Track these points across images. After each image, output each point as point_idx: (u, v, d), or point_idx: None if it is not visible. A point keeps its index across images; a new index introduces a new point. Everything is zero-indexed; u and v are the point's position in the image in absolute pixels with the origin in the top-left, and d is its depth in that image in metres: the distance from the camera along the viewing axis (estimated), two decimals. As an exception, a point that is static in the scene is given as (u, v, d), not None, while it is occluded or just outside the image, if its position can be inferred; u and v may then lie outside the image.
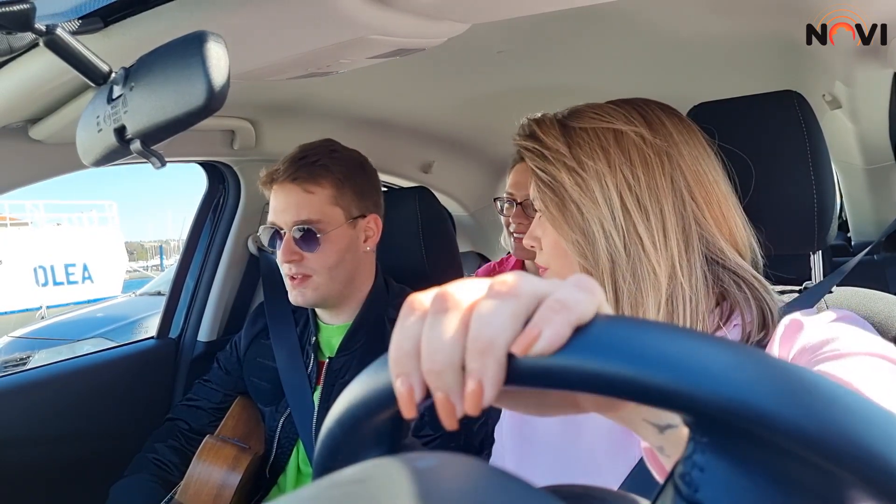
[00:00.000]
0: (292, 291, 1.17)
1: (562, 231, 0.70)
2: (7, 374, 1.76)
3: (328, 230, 1.15)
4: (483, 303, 0.31)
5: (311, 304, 1.20)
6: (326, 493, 0.24)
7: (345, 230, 1.17)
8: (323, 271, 1.15)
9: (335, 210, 1.16)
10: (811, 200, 0.77)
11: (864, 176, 2.04)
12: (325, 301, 1.20)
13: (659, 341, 0.27)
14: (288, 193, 1.15)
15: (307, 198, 1.14)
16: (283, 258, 1.14)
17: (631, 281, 0.66)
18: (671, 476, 0.30)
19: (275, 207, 1.17)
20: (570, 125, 0.72)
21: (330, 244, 1.15)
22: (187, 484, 1.18)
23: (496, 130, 1.93)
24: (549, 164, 0.70)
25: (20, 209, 14.30)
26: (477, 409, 0.29)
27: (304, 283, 1.16)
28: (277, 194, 1.16)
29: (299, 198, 1.14)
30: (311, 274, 1.15)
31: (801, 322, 0.64)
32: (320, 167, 1.16)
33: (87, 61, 0.52)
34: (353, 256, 1.19)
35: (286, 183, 1.15)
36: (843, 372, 0.52)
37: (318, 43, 0.75)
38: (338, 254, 1.16)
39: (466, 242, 2.40)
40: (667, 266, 0.66)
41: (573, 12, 0.87)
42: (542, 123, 0.73)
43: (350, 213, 1.18)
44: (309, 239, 1.14)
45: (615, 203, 0.67)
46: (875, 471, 0.23)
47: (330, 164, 1.17)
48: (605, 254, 0.67)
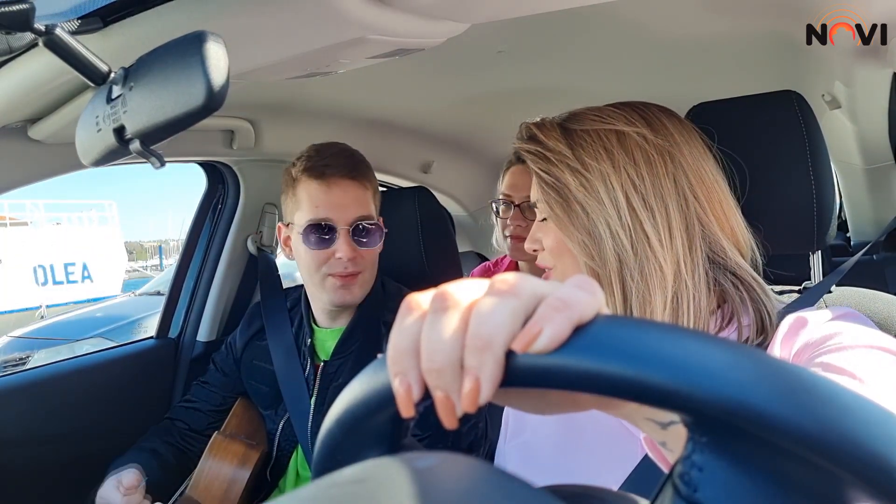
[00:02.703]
0: (339, 291, 1.15)
1: (567, 232, 0.70)
2: (7, 374, 1.76)
3: (376, 226, 1.18)
4: (483, 301, 0.31)
5: (354, 303, 1.20)
6: (326, 492, 0.24)
7: (380, 226, 1.20)
8: (371, 268, 1.18)
9: (374, 207, 1.20)
10: (810, 200, 0.77)
11: (864, 176, 2.03)
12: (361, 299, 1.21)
13: (659, 341, 0.27)
14: (346, 189, 1.14)
15: (365, 194, 1.16)
16: (348, 254, 1.12)
17: (639, 279, 0.67)
18: (670, 476, 0.30)
19: (327, 203, 1.13)
20: (571, 128, 0.72)
21: (377, 240, 1.18)
22: (197, 479, 1.19)
23: (496, 130, 1.93)
24: (553, 166, 0.70)
25: (20, 209, 14.32)
26: (474, 406, 0.29)
27: (354, 281, 1.16)
28: (333, 189, 1.13)
29: (358, 193, 1.15)
30: (362, 270, 1.16)
31: (803, 319, 0.64)
32: (367, 166, 1.18)
33: (87, 61, 0.52)
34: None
35: (344, 179, 1.14)
36: (845, 364, 0.52)
37: (318, 43, 0.75)
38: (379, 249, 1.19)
39: (466, 242, 2.40)
40: (672, 264, 0.67)
41: (573, 13, 0.87)
42: (542, 126, 0.74)
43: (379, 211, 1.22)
44: (369, 235, 1.15)
45: (621, 202, 0.68)
46: (874, 471, 0.23)
47: (369, 164, 1.20)
48: (613, 253, 0.68)
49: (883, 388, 0.49)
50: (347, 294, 1.16)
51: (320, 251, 1.13)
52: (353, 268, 1.14)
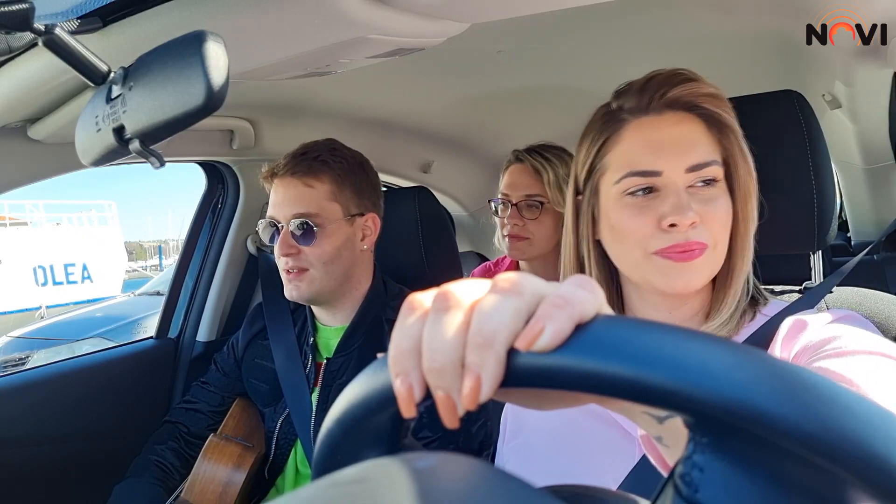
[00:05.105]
0: (287, 285, 1.17)
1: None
2: (6, 374, 1.76)
3: (325, 224, 1.15)
4: (486, 300, 0.31)
5: (305, 300, 1.20)
6: (326, 492, 0.24)
7: (342, 226, 1.18)
8: (318, 265, 1.16)
9: (333, 206, 1.17)
10: (811, 200, 0.77)
11: (864, 176, 2.03)
12: (319, 297, 1.20)
13: (660, 341, 0.27)
14: (287, 187, 1.16)
15: (306, 191, 1.15)
16: (280, 251, 1.15)
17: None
18: (671, 476, 0.29)
19: (274, 201, 1.17)
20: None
21: (326, 238, 1.15)
22: (192, 482, 1.19)
23: (496, 130, 1.93)
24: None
25: (20, 209, 14.33)
26: (474, 403, 0.29)
27: (300, 277, 1.16)
28: (277, 188, 1.17)
29: (298, 191, 1.15)
30: (307, 268, 1.16)
31: (803, 322, 0.64)
32: (320, 162, 1.17)
33: (86, 61, 0.52)
34: (349, 254, 1.19)
35: (286, 177, 1.16)
36: (844, 369, 0.52)
37: (318, 42, 0.75)
38: (334, 249, 1.16)
39: (466, 242, 2.40)
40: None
41: (573, 12, 0.87)
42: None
43: (348, 210, 1.19)
44: (306, 232, 1.14)
45: None
46: (875, 471, 0.23)
47: (330, 160, 1.18)
48: None
49: (883, 394, 0.48)
50: (294, 290, 1.17)
51: (275, 248, 1.17)
52: (295, 263, 1.15)
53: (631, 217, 0.67)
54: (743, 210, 0.68)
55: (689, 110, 0.68)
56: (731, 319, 0.70)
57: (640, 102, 0.70)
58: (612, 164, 0.70)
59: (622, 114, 0.71)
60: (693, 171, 0.66)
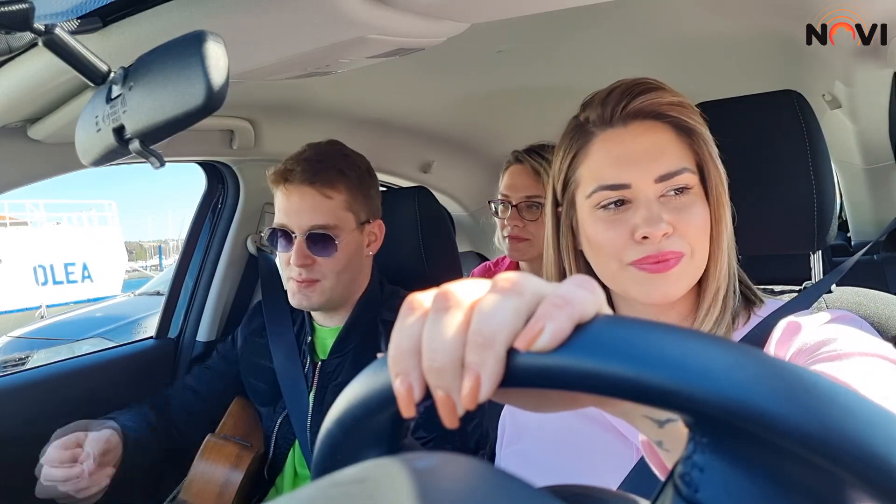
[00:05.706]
0: (296, 295, 1.15)
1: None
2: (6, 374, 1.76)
3: (342, 235, 1.13)
4: (486, 299, 0.31)
5: (314, 308, 1.19)
6: (325, 492, 0.24)
7: (355, 235, 1.16)
8: (331, 276, 1.14)
9: (348, 215, 1.15)
10: (811, 200, 0.77)
11: (864, 176, 2.03)
12: (327, 305, 1.19)
13: (660, 341, 0.27)
14: (304, 196, 1.12)
15: (324, 202, 1.12)
16: (297, 262, 1.12)
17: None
18: (671, 476, 0.29)
19: (287, 209, 1.13)
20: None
21: (342, 250, 1.14)
22: (190, 482, 1.19)
23: (495, 130, 1.93)
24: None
25: (20, 208, 14.32)
26: (474, 403, 0.29)
27: (312, 288, 1.14)
28: (290, 196, 1.13)
29: (315, 201, 1.12)
30: (320, 279, 1.14)
31: (797, 323, 0.64)
32: (338, 172, 1.14)
33: (86, 61, 0.52)
34: (358, 260, 1.19)
35: (303, 186, 1.12)
36: (840, 373, 0.52)
37: (318, 42, 0.75)
38: (347, 259, 1.15)
39: (466, 242, 2.40)
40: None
41: (573, 12, 0.87)
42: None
43: (360, 219, 1.18)
44: (324, 244, 1.12)
45: None
46: (875, 471, 0.23)
47: (346, 168, 1.15)
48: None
49: (879, 396, 0.48)
50: (304, 300, 1.15)
51: (282, 255, 1.15)
52: (309, 275, 1.13)
53: (604, 230, 0.67)
54: (716, 214, 0.68)
55: (656, 118, 0.68)
56: (720, 323, 0.69)
57: (603, 114, 0.69)
58: (584, 178, 0.70)
59: (589, 126, 0.71)
60: (663, 180, 0.66)
